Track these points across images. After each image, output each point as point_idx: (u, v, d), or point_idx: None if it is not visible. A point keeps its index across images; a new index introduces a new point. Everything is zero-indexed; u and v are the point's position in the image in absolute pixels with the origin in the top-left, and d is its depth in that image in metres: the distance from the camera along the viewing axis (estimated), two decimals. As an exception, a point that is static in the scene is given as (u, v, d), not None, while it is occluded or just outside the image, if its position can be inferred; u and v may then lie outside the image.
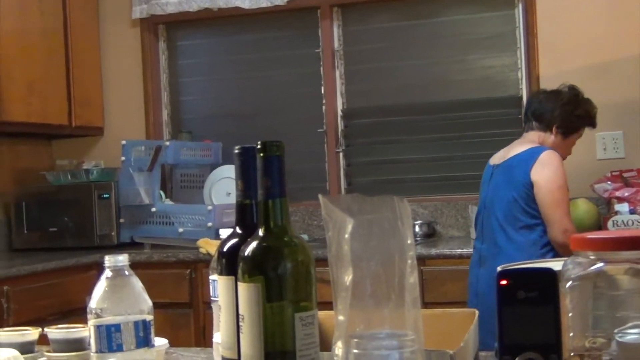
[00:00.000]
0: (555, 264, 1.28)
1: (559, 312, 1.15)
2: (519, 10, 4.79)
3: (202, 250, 4.36)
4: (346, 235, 1.06)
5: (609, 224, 4.09)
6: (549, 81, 4.60)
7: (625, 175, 4.30)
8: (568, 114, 3.70)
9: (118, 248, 4.76)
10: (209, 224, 4.59)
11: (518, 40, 4.79)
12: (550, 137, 3.70)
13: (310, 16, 5.14)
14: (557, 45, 4.63)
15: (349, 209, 1.07)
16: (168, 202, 4.98)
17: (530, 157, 3.57)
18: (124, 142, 4.87)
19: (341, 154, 5.10)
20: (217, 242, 1.42)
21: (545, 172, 3.53)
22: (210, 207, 4.65)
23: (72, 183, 4.99)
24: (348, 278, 1.06)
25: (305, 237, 4.80)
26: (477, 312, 1.51)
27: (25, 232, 4.95)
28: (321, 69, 5.12)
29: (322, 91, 5.13)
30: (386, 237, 1.06)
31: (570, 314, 1.19)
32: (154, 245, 4.74)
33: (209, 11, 5.19)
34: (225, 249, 1.36)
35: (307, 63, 5.18)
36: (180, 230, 4.68)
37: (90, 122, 5.28)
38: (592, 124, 3.81)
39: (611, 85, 4.52)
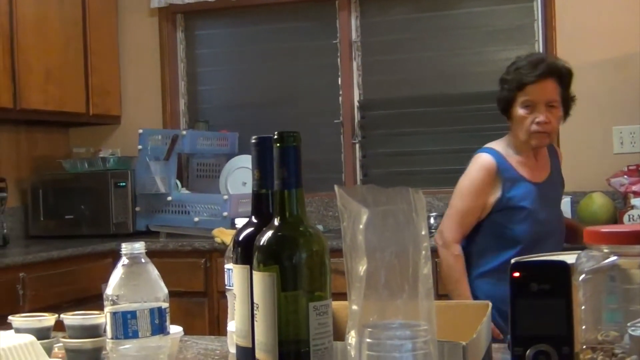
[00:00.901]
0: (569, 257, 1.28)
1: (571, 305, 1.15)
2: (538, 3, 4.77)
3: (217, 239, 4.38)
4: (361, 226, 1.07)
5: (625, 218, 4.08)
6: (567, 74, 4.59)
7: (642, 169, 4.29)
8: (499, 90, 3.27)
9: (133, 236, 4.77)
10: (225, 214, 4.60)
11: (536, 33, 4.78)
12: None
13: (329, 7, 5.14)
14: (575, 38, 4.61)
15: (364, 200, 1.07)
16: (184, 191, 5.00)
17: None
18: (140, 130, 4.89)
19: (357, 145, 5.10)
20: (232, 232, 1.43)
21: (462, 176, 3.32)
22: (226, 197, 4.67)
23: (88, 171, 5.02)
24: (362, 268, 1.07)
25: (320, 227, 4.81)
26: (490, 304, 1.51)
27: (42, 219, 4.98)
28: (338, 60, 5.12)
29: (339, 82, 5.13)
30: (401, 228, 1.07)
31: (583, 307, 1.19)
32: (169, 234, 4.76)
33: (227, 1, 5.20)
34: (240, 238, 1.37)
35: (324, 54, 5.18)
36: (196, 219, 4.70)
37: (107, 110, 5.31)
38: (520, 78, 3.17)
39: (630, 78, 4.50)
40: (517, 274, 1.12)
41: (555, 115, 3.19)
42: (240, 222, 1.45)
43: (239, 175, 4.91)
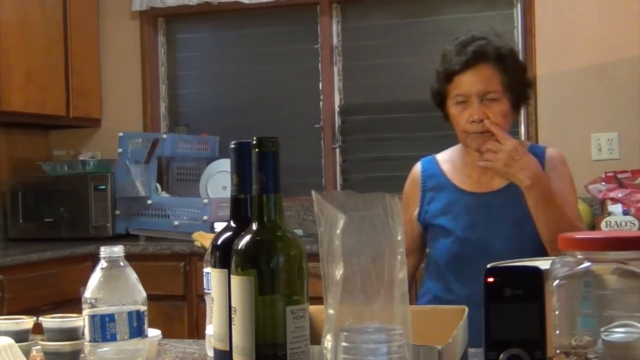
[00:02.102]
0: (544, 263, 1.30)
1: (544, 310, 1.17)
2: (518, 10, 4.80)
3: (197, 243, 4.37)
4: (337, 231, 1.08)
5: (602, 224, 4.11)
6: (547, 81, 4.63)
7: (619, 176, 4.32)
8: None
9: (113, 240, 4.77)
10: (205, 217, 4.60)
11: (516, 40, 4.80)
12: None
13: (310, 12, 5.15)
14: (554, 45, 4.65)
15: (341, 205, 1.09)
16: (164, 194, 5.00)
17: None
18: (121, 134, 4.89)
19: (337, 150, 5.11)
20: (212, 236, 1.44)
21: None
22: (206, 201, 4.67)
23: (68, 174, 5.00)
24: (339, 273, 1.08)
25: (299, 232, 4.81)
26: (466, 308, 1.52)
27: (21, 222, 4.97)
28: (319, 64, 5.13)
29: (320, 87, 5.14)
30: (377, 234, 1.08)
31: (557, 312, 1.21)
32: (149, 237, 4.76)
33: (209, 5, 5.20)
34: (219, 242, 1.38)
35: (305, 58, 5.19)
36: (176, 223, 4.70)
37: (87, 113, 5.30)
38: (446, 67, 2.61)
39: (608, 86, 4.54)
40: (491, 279, 1.14)
41: (496, 110, 2.50)
42: (219, 226, 1.46)
43: (219, 179, 4.91)
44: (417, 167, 2.75)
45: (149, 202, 4.78)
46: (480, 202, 2.57)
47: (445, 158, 2.75)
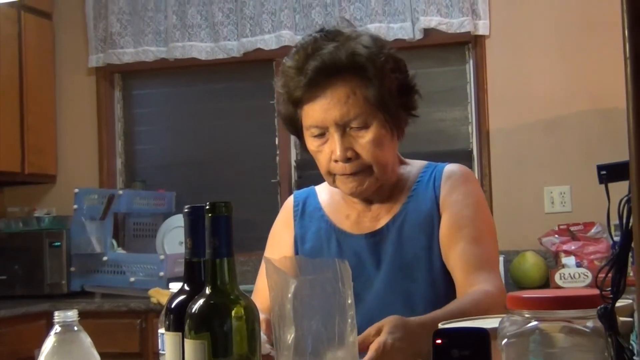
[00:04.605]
0: (493, 321, 1.32)
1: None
2: (470, 66, 4.88)
3: (154, 299, 4.35)
4: (289, 295, 1.10)
5: (556, 277, 4.16)
6: (499, 135, 4.71)
7: (572, 229, 4.38)
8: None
9: (68, 297, 4.72)
10: (161, 274, 4.58)
11: (469, 95, 4.88)
12: None
13: (266, 68, 5.19)
14: (506, 100, 4.72)
15: (292, 270, 1.10)
16: (120, 250, 4.97)
17: None
18: (76, 190, 4.86)
19: (294, 205, 5.12)
20: (169, 292, 1.45)
21: None
22: (162, 257, 4.65)
23: (23, 231, 4.96)
24: (290, 337, 1.09)
25: (257, 287, 4.79)
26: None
27: (-25, 279, 4.90)
28: (275, 120, 5.16)
29: (277, 142, 5.17)
30: (327, 297, 1.10)
31: (506, 371, 1.23)
32: (104, 294, 4.72)
33: (165, 61, 5.22)
34: (173, 306, 1.39)
35: (261, 114, 5.22)
36: (132, 279, 4.67)
37: (43, 169, 5.27)
38: (286, 94, 2.00)
39: (560, 140, 4.61)
40: (439, 341, 1.16)
41: (364, 140, 1.92)
42: (174, 286, 1.47)
43: (176, 235, 4.90)
44: (290, 198, 2.26)
45: (105, 258, 4.74)
46: (362, 244, 2.04)
47: (322, 190, 2.21)
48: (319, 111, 1.90)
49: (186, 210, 1.40)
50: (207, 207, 1.28)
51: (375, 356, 1.42)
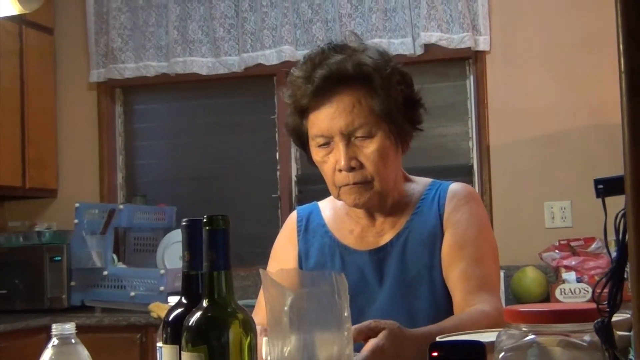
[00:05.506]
0: (491, 335, 1.32)
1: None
2: (470, 81, 4.89)
3: (154, 314, 4.34)
4: (285, 308, 1.10)
5: (557, 292, 4.16)
6: (500, 151, 4.71)
7: (572, 244, 4.38)
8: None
9: (68, 312, 4.72)
10: (161, 288, 4.58)
11: (469, 110, 4.89)
12: None
13: (267, 83, 5.20)
14: (507, 115, 4.73)
15: (289, 283, 1.11)
16: (120, 265, 4.97)
17: None
18: (77, 204, 4.86)
19: (295, 220, 5.12)
20: (168, 307, 1.45)
21: None
22: (162, 271, 4.65)
23: (23, 245, 4.96)
24: (286, 350, 1.09)
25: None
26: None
27: (-25, 294, 4.90)
28: (276, 134, 5.17)
29: (277, 157, 5.18)
30: (324, 310, 1.10)
31: (503, 385, 1.23)
32: (105, 309, 4.71)
33: (166, 76, 5.24)
34: (170, 319, 1.39)
35: (262, 129, 5.23)
36: (132, 294, 4.66)
37: (44, 184, 5.27)
38: (295, 99, 2.02)
39: (560, 155, 4.62)
40: (435, 354, 1.16)
41: (369, 150, 1.95)
42: (173, 299, 1.47)
43: (176, 250, 4.89)
44: (293, 214, 2.34)
45: (105, 273, 4.74)
46: (364, 260, 2.06)
47: (325, 206, 2.28)
48: (324, 120, 1.93)
49: (184, 223, 1.40)
50: (205, 220, 1.29)
51: (369, 356, 1.45)
